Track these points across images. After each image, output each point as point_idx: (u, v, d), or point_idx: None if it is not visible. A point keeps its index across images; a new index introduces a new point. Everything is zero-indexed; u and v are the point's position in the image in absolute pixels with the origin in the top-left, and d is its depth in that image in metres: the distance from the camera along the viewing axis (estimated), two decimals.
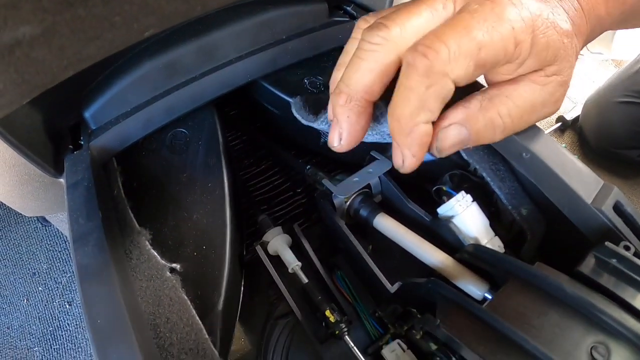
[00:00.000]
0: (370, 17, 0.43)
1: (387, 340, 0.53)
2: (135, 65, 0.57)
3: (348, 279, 0.59)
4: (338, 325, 0.51)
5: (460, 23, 0.33)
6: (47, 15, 0.21)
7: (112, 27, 0.26)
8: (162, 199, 0.54)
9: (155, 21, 0.28)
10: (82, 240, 0.44)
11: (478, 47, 0.33)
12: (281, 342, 0.55)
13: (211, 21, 0.60)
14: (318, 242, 0.61)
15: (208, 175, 0.55)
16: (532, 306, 0.37)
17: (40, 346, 1.25)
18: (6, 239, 1.40)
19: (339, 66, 0.46)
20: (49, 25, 0.22)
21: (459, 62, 0.33)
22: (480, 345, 0.36)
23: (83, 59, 0.31)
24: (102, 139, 0.55)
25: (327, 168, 0.69)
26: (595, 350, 0.33)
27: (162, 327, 0.43)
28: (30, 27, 0.21)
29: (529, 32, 0.35)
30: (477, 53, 0.33)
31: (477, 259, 0.46)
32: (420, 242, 0.51)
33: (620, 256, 0.37)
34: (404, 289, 0.50)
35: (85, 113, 0.57)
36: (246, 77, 0.61)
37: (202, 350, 0.43)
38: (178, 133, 0.59)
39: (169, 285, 0.46)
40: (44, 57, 0.26)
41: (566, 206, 0.45)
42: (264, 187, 0.74)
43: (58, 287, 1.32)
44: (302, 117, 0.55)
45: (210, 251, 0.51)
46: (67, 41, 0.25)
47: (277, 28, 0.63)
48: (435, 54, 0.32)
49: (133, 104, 0.57)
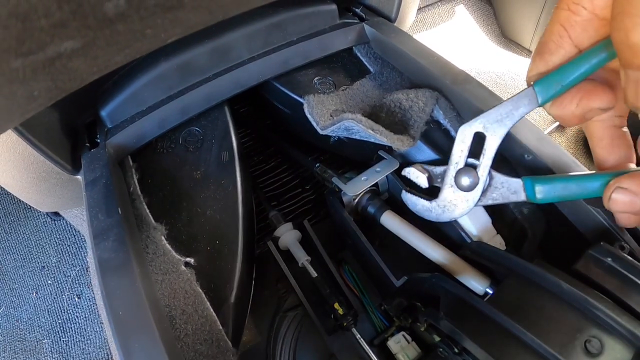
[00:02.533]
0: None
1: (393, 332, 0.55)
2: (150, 65, 0.58)
3: (355, 273, 0.61)
4: (346, 318, 0.53)
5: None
6: (89, 32, 0.23)
7: (143, 37, 0.28)
8: (176, 196, 0.56)
9: (181, 30, 0.30)
10: (103, 235, 0.46)
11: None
12: (290, 334, 0.57)
13: (224, 23, 0.60)
14: (326, 237, 0.62)
15: (221, 172, 0.57)
16: (531, 301, 0.38)
17: (50, 338, 1.26)
18: (16, 233, 1.41)
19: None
20: (90, 39, 0.24)
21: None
22: (481, 337, 0.37)
23: (111, 65, 0.32)
24: (119, 137, 0.57)
25: (336, 166, 0.71)
26: (590, 344, 0.34)
27: (177, 318, 0.45)
28: (72, 42, 0.23)
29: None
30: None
31: (479, 255, 0.48)
32: (425, 239, 0.52)
33: (615, 255, 0.39)
34: (409, 283, 0.51)
35: (102, 112, 0.58)
36: (258, 78, 0.62)
37: (216, 340, 0.45)
38: (192, 131, 0.60)
39: (184, 278, 0.48)
40: (79, 66, 0.28)
41: (565, 206, 0.47)
42: (273, 183, 0.75)
43: (67, 280, 1.33)
44: (315, 123, 0.56)
45: (223, 246, 0.52)
46: (102, 52, 0.27)
47: (288, 30, 0.65)
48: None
49: (148, 104, 0.59)
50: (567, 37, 0.34)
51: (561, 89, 0.35)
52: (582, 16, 0.33)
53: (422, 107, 0.55)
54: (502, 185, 0.41)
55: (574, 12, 0.33)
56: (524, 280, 0.40)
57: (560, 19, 0.34)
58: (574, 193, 0.37)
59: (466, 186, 0.41)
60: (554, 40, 0.35)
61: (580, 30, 0.34)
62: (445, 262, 0.50)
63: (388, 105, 0.58)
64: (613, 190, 0.34)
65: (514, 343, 0.36)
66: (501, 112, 0.38)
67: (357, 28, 0.69)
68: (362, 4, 0.75)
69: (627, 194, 0.34)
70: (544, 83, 0.35)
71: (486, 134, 0.39)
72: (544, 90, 0.35)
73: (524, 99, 0.36)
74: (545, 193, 0.38)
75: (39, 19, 0.22)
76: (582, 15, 0.33)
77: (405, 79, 0.65)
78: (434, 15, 1.62)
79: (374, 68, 0.68)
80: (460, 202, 0.43)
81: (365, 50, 0.70)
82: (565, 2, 0.33)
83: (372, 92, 0.63)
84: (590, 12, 0.33)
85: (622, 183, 0.34)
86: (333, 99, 0.61)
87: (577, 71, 0.34)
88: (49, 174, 0.62)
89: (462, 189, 0.42)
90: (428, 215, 0.46)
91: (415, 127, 0.54)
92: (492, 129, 0.39)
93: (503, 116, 0.38)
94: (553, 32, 0.35)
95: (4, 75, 0.24)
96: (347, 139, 0.57)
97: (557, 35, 0.34)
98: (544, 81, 0.35)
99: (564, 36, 0.34)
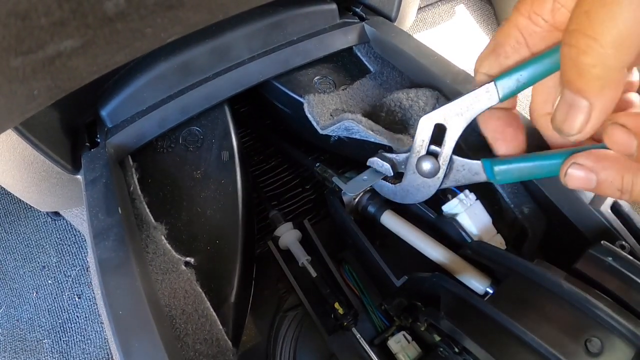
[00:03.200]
0: None
1: (393, 332, 0.55)
2: (150, 65, 0.58)
3: (355, 273, 0.61)
4: (346, 317, 0.53)
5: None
6: (89, 30, 0.23)
7: (143, 37, 0.28)
8: (176, 195, 0.56)
9: (181, 29, 0.30)
10: (103, 235, 0.46)
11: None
12: (290, 333, 0.57)
13: (224, 23, 0.61)
14: (327, 237, 0.62)
15: (221, 172, 0.57)
16: (531, 301, 0.38)
17: (50, 338, 1.26)
18: (16, 232, 1.41)
19: None
20: (89, 38, 0.24)
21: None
22: (481, 337, 0.37)
23: (111, 64, 0.32)
24: (119, 137, 0.57)
25: (336, 165, 0.71)
26: (590, 343, 0.34)
27: (177, 318, 0.45)
28: (72, 41, 0.23)
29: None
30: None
31: (479, 255, 0.48)
32: (426, 238, 0.53)
33: (615, 255, 0.39)
34: (410, 282, 0.51)
35: (102, 111, 0.58)
36: (258, 78, 0.62)
37: (216, 340, 0.45)
38: (192, 131, 0.60)
39: (184, 278, 0.47)
40: (78, 65, 0.28)
41: (566, 206, 0.47)
42: (274, 183, 0.75)
43: (67, 280, 1.33)
44: (315, 123, 0.56)
45: (223, 245, 0.52)
46: (101, 51, 0.27)
47: (289, 29, 0.65)
48: None
49: (148, 103, 0.59)
50: (525, 44, 0.34)
51: (521, 86, 0.35)
52: (541, 27, 0.33)
53: (423, 106, 0.55)
54: (463, 167, 0.41)
55: (534, 22, 0.33)
56: (525, 279, 0.40)
57: (519, 26, 0.34)
58: (532, 172, 0.37)
59: (427, 172, 0.43)
60: (511, 45, 0.35)
61: (538, 40, 0.34)
62: (445, 262, 0.50)
63: (388, 105, 0.58)
64: (569, 166, 0.34)
65: (515, 342, 0.36)
66: (461, 105, 0.39)
67: (357, 27, 0.69)
68: (362, 4, 0.75)
69: (582, 170, 0.33)
70: (504, 78, 0.35)
71: (446, 126, 0.40)
72: (505, 86, 0.36)
73: (484, 94, 0.37)
74: (503, 174, 0.39)
75: (39, 17, 0.23)
76: (541, 26, 0.33)
77: (405, 79, 0.65)
78: (434, 14, 1.62)
79: (374, 67, 0.68)
80: (423, 187, 0.44)
81: (365, 49, 0.70)
82: (525, 9, 0.33)
83: (373, 92, 0.63)
84: (550, 25, 0.32)
85: (578, 159, 0.33)
86: (333, 99, 0.61)
87: (536, 71, 0.34)
88: (49, 174, 0.62)
89: (424, 175, 0.43)
90: (393, 197, 0.48)
91: (416, 126, 0.54)
92: (452, 121, 0.40)
93: (463, 109, 0.39)
94: (510, 36, 0.34)
95: (4, 74, 0.24)
96: (348, 139, 0.57)
97: (515, 41, 0.34)
98: (504, 77, 0.35)
99: (522, 43, 0.34)
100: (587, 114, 0.29)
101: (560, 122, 0.30)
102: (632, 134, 0.29)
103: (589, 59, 0.26)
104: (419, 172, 0.43)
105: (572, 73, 0.28)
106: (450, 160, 0.41)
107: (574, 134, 0.31)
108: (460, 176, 0.42)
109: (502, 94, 0.36)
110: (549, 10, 0.32)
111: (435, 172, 0.42)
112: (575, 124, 0.30)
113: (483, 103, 0.37)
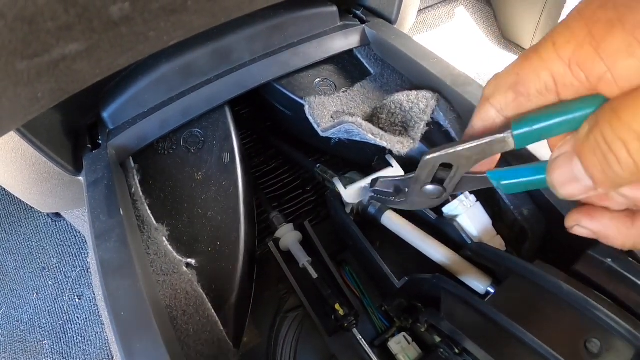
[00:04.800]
0: None
1: (393, 333, 0.55)
2: (152, 67, 0.59)
3: (356, 274, 0.61)
4: (346, 318, 0.53)
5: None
6: (94, 34, 0.24)
7: (146, 40, 0.28)
8: (177, 197, 0.56)
9: (183, 33, 0.30)
10: (104, 236, 0.46)
11: None
12: (291, 334, 0.57)
13: (226, 25, 0.60)
14: (327, 238, 0.62)
15: (222, 174, 0.57)
16: (531, 301, 0.39)
17: (50, 339, 1.26)
18: (16, 233, 1.41)
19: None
20: (94, 42, 0.24)
21: None
22: (481, 338, 0.38)
23: (114, 67, 0.33)
24: (120, 139, 0.57)
25: (337, 167, 0.71)
26: (590, 344, 0.34)
27: (179, 319, 0.45)
28: (77, 45, 0.24)
29: None
30: None
31: (480, 256, 0.48)
32: (426, 239, 0.53)
33: (615, 256, 0.39)
34: (410, 284, 0.51)
35: (104, 113, 0.59)
36: (259, 80, 0.63)
37: (217, 341, 0.45)
38: (193, 133, 0.61)
39: (185, 279, 0.48)
40: (82, 68, 0.28)
41: (565, 207, 0.47)
42: (274, 184, 0.75)
43: (68, 281, 1.33)
44: (316, 125, 0.56)
45: (224, 247, 0.52)
46: (105, 54, 0.27)
47: (289, 32, 0.65)
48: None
49: (150, 105, 0.59)
50: (555, 92, 0.28)
51: (541, 138, 0.31)
52: (582, 84, 0.26)
53: (423, 108, 0.55)
54: (469, 180, 0.40)
55: (575, 75, 0.26)
56: (525, 281, 0.41)
57: (554, 71, 0.27)
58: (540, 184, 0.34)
59: (432, 195, 0.42)
60: (537, 89, 0.29)
61: (572, 94, 0.27)
62: (446, 262, 0.50)
63: (389, 107, 0.58)
64: (574, 225, 0.34)
65: (515, 343, 0.36)
66: (472, 150, 0.36)
67: (358, 30, 0.69)
68: (363, 6, 0.75)
69: (587, 233, 0.33)
70: (523, 129, 0.31)
71: (453, 165, 0.38)
72: (523, 137, 0.32)
73: (500, 143, 0.34)
74: (510, 186, 0.36)
75: (45, 22, 0.23)
76: (582, 82, 0.26)
77: (405, 81, 0.65)
78: (434, 16, 1.62)
79: (375, 70, 0.68)
80: (427, 202, 0.43)
81: (366, 52, 0.70)
82: (566, 55, 0.26)
83: (373, 94, 0.64)
84: (594, 86, 0.26)
85: (581, 222, 0.33)
86: (334, 101, 0.61)
87: (562, 125, 0.29)
88: (51, 175, 0.62)
89: (429, 197, 0.42)
90: (398, 207, 0.47)
91: (416, 128, 0.54)
92: (460, 162, 0.37)
93: (473, 154, 0.36)
94: (539, 79, 0.28)
95: (10, 77, 0.24)
96: (348, 141, 0.57)
97: (544, 87, 0.28)
98: (523, 126, 0.31)
99: (552, 90, 0.28)
100: (587, 192, 0.28)
101: (557, 182, 0.29)
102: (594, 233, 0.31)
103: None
104: (424, 194, 0.42)
105: (596, 163, 0.25)
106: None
107: (564, 196, 0.29)
108: (466, 187, 0.41)
109: (519, 145, 0.33)
110: (598, 74, 0.25)
111: (440, 195, 0.41)
112: (571, 192, 0.29)
113: (496, 149, 0.34)
